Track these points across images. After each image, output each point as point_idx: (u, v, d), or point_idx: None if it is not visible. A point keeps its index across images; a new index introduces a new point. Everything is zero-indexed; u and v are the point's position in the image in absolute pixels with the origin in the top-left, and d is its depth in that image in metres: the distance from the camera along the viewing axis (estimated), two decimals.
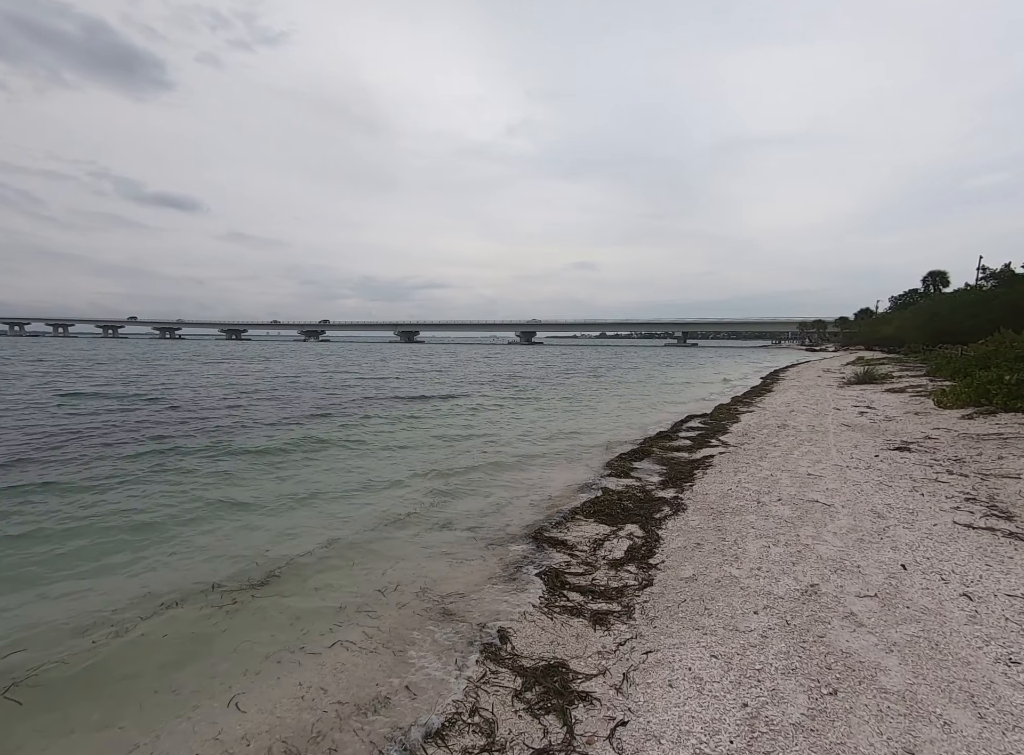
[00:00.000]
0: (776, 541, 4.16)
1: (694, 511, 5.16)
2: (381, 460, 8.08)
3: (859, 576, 3.49)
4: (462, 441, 9.66)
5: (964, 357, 18.90)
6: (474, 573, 3.97)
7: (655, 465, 7.38)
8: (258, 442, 9.11)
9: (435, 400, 16.10)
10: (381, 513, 5.40)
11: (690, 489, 5.98)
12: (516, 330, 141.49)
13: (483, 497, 5.98)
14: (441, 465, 7.70)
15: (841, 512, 4.86)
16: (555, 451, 8.75)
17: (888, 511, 4.89)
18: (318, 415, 12.40)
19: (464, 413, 13.59)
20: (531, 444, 9.40)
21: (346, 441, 9.46)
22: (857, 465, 6.75)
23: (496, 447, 9.08)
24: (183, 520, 5.28)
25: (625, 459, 7.58)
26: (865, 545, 4.03)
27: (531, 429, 11.07)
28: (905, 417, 10.58)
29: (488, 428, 11.15)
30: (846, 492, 5.50)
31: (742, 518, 4.80)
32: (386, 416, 12.54)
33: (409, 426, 11.33)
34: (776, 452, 7.61)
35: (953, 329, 36.51)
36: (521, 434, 10.40)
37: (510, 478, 6.93)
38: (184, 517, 5.36)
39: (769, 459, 7.21)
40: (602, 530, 4.76)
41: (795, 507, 5.03)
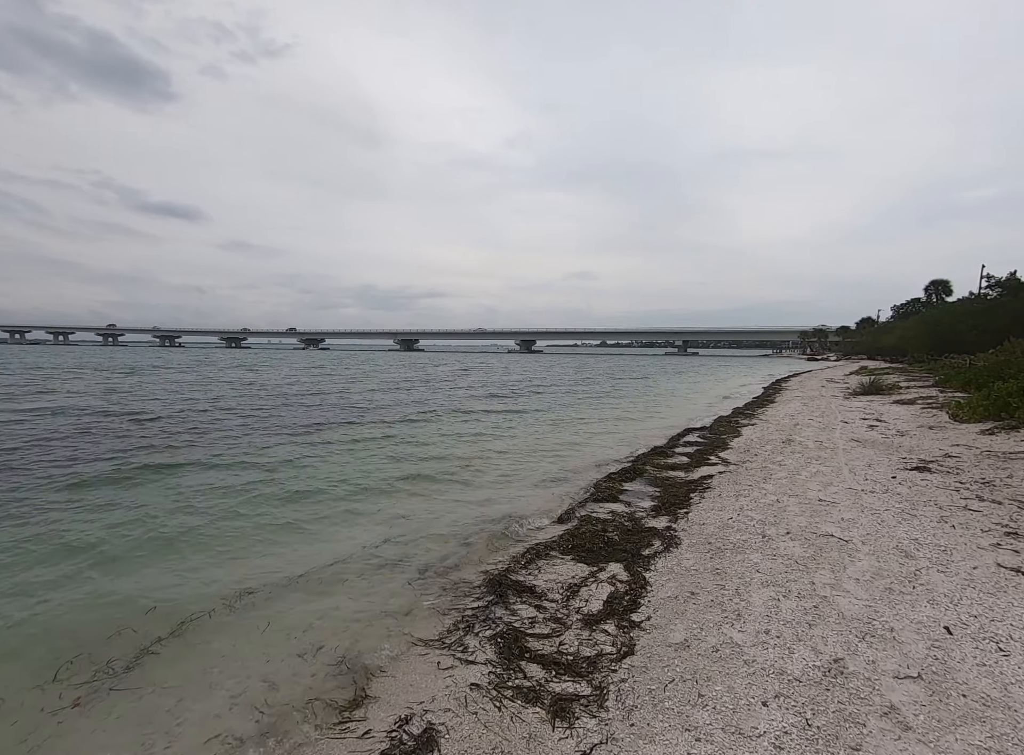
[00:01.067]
0: (787, 591, 3.43)
1: (689, 547, 4.43)
2: (331, 484, 7.12)
3: (894, 645, 2.76)
4: (430, 461, 8.74)
5: (974, 367, 18.19)
6: (417, 630, 3.25)
7: (647, 486, 6.66)
8: (175, 469, 7.58)
9: (413, 412, 15.13)
10: (316, 553, 4.61)
11: (685, 517, 5.25)
12: (516, 338, 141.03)
13: (446, 528, 5.23)
14: (401, 488, 6.91)
15: (861, 550, 4.13)
16: (537, 470, 7.97)
17: (916, 549, 4.16)
18: (279, 432, 11.31)
19: (441, 427, 12.61)
20: (512, 463, 8.60)
21: (298, 461, 8.43)
22: (873, 488, 6.02)
23: (471, 467, 8.22)
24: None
25: (614, 479, 6.85)
26: (896, 597, 3.31)
27: (513, 446, 10.19)
28: (919, 432, 9.85)
29: (465, 446, 10.19)
30: (864, 523, 4.78)
31: (745, 557, 4.08)
32: (354, 431, 11.46)
33: (375, 444, 10.25)
34: (782, 472, 6.88)
35: (957, 339, 35.82)
36: (501, 451, 9.59)
37: (482, 504, 6.15)
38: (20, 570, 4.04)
39: (774, 481, 6.48)
40: (580, 571, 4.03)
41: (807, 543, 4.30)
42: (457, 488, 7.05)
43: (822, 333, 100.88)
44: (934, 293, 60.82)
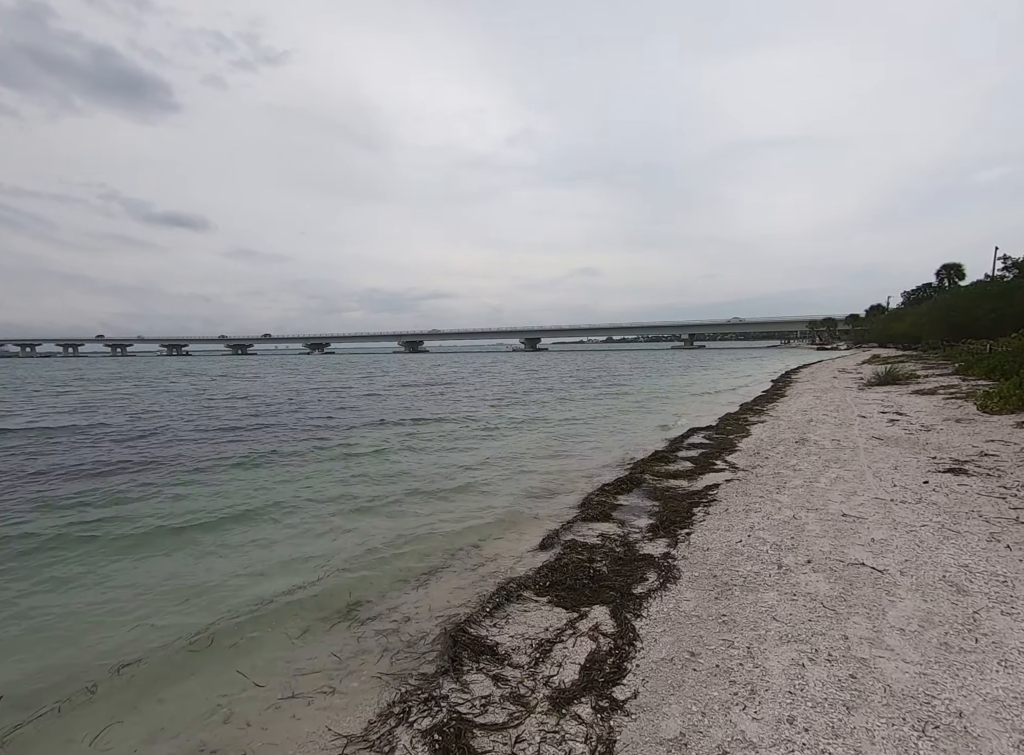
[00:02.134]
0: (813, 650, 2.69)
1: (690, 581, 3.70)
2: (279, 512, 6.19)
3: (968, 744, 2.02)
4: (400, 479, 7.72)
5: (997, 353, 17.22)
6: (340, 715, 2.55)
7: (645, 500, 5.91)
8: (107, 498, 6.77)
9: (395, 423, 13.67)
10: (244, 601, 3.82)
11: (686, 540, 4.51)
12: (521, 337, 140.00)
13: (414, 562, 4.48)
14: (360, 515, 6.03)
15: (901, 585, 3.38)
16: (521, 485, 7.13)
17: (969, 580, 3.40)
18: (238, 444, 10.51)
19: (425, 435, 11.51)
20: (497, 474, 7.79)
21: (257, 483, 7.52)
22: (904, 498, 5.24)
23: (447, 484, 7.30)
24: None
25: (608, 492, 6.11)
26: (956, 658, 2.56)
27: (496, 457, 9.20)
28: (946, 426, 9.01)
29: (446, 457, 9.21)
30: (900, 545, 4.01)
31: (757, 597, 3.33)
32: (326, 445, 10.45)
33: (340, 460, 9.18)
34: (797, 479, 6.11)
35: (973, 323, 34.55)
36: (483, 461, 8.74)
37: (452, 528, 5.38)
38: None
39: (789, 490, 5.72)
40: (556, 619, 3.31)
41: (833, 576, 3.55)
42: (428, 506, 6.30)
43: (831, 322, 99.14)
44: (946, 278, 59.16)
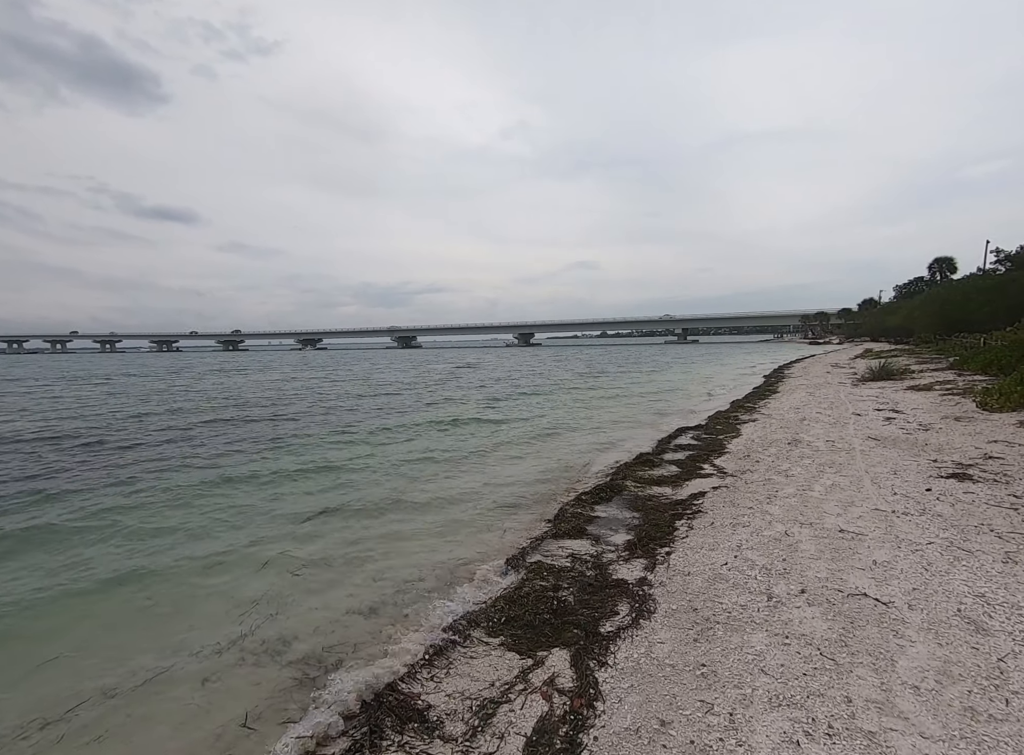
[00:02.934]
0: (810, 719, 2.20)
1: (666, 616, 3.20)
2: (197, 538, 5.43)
3: None
4: (352, 491, 6.99)
5: (992, 347, 16.87)
6: None
7: (625, 511, 5.41)
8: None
9: (357, 430, 12.45)
10: (142, 653, 3.28)
11: (666, 561, 4.01)
12: (514, 332, 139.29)
13: (345, 597, 3.88)
14: (293, 536, 5.31)
15: (911, 623, 2.89)
16: (493, 495, 6.54)
17: (988, 614, 2.93)
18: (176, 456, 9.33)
19: (386, 443, 10.45)
20: (468, 482, 7.20)
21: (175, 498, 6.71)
22: (906, 508, 4.77)
23: (410, 497, 6.60)
24: None
25: (585, 503, 5.61)
26: (984, 731, 2.07)
27: (469, 463, 8.54)
28: (945, 425, 8.58)
29: (412, 467, 8.26)
30: (905, 569, 3.54)
31: (743, 640, 2.84)
32: (273, 457, 9.33)
33: (286, 475, 8.09)
34: (789, 487, 5.63)
35: (966, 317, 34.35)
36: (455, 468, 8.11)
37: (404, 550, 4.83)
38: None
39: (781, 500, 5.23)
40: (506, 669, 2.81)
41: (831, 610, 3.06)
42: (381, 524, 5.66)
43: (824, 316, 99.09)
44: (938, 271, 59.03)
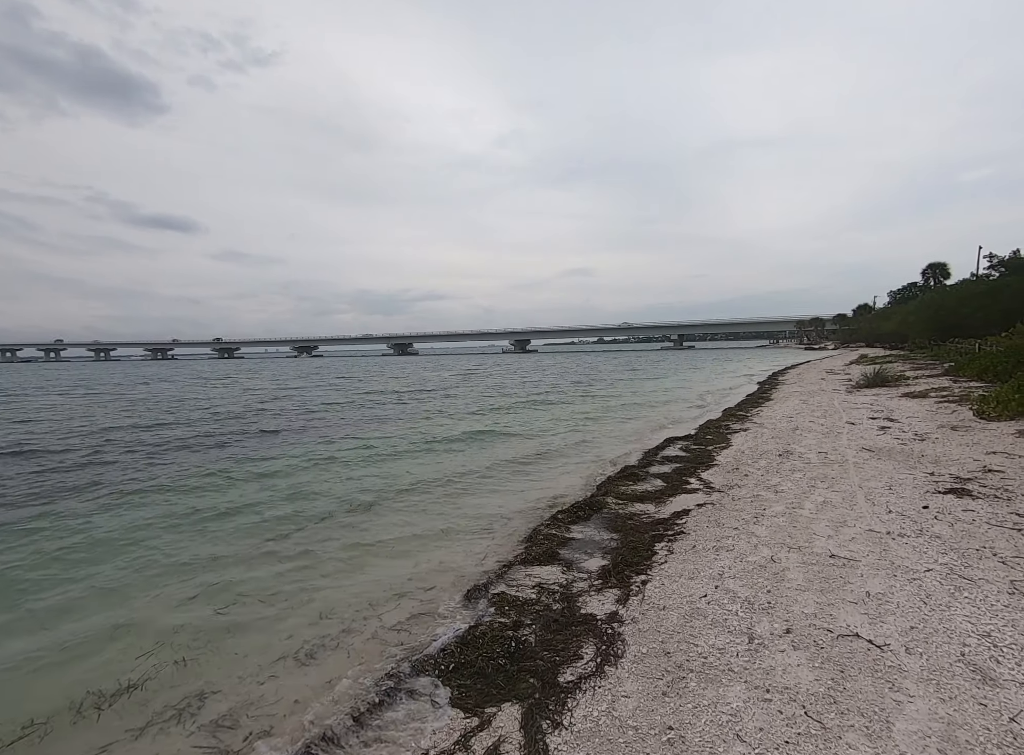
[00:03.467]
0: None
1: (635, 662, 2.83)
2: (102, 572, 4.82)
3: None
4: (311, 510, 6.41)
5: (988, 353, 16.64)
6: None
7: (603, 531, 5.05)
8: None
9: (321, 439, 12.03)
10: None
11: (641, 593, 3.65)
12: (510, 339, 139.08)
13: (283, 639, 3.45)
14: (242, 570, 4.67)
15: (909, 671, 2.53)
16: (466, 514, 6.07)
17: (995, 660, 2.58)
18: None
19: (359, 459, 9.69)
20: (441, 501, 6.73)
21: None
22: (902, 529, 4.43)
23: (369, 520, 6.06)
24: None
25: (561, 522, 5.24)
26: None
27: (447, 478, 7.86)
28: (941, 434, 8.26)
29: (377, 487, 7.49)
30: (902, 602, 3.18)
31: (718, 694, 2.47)
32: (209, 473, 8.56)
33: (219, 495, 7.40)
34: (778, 505, 5.28)
35: (960, 322, 34.27)
36: (414, 483, 7.56)
37: (357, 584, 4.29)
38: None
39: (768, 519, 4.88)
40: (446, 734, 2.43)
41: (819, 657, 2.70)
42: (338, 552, 5.08)
43: (819, 322, 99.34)
44: (932, 277, 59.17)
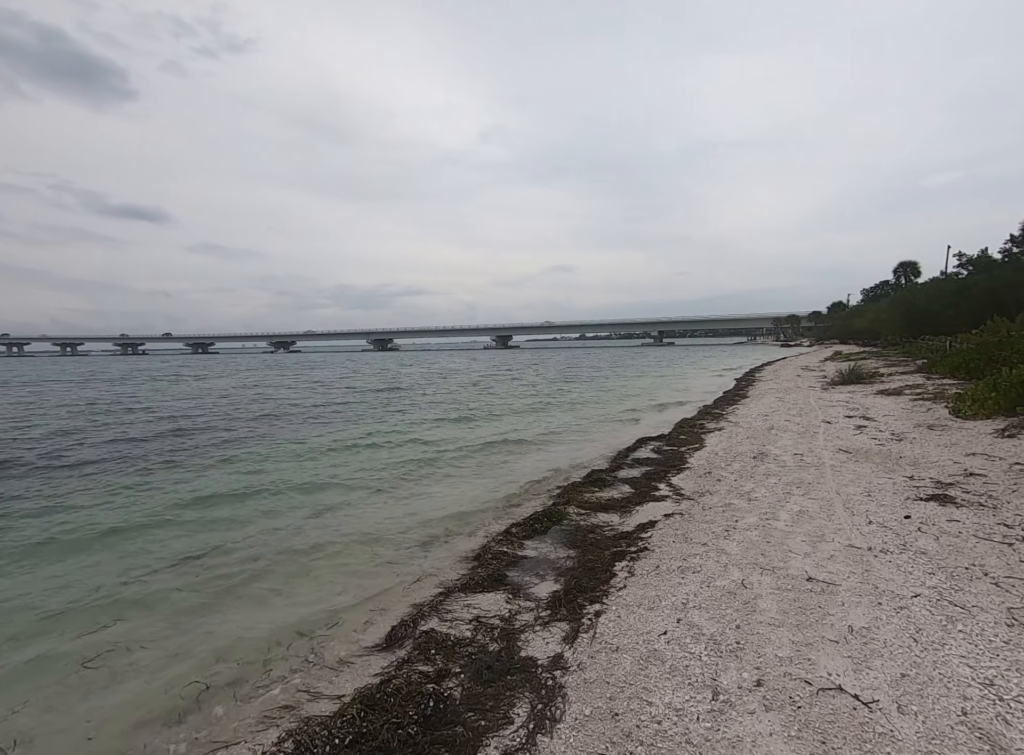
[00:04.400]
0: None
1: (575, 728, 2.31)
2: None
3: None
4: (225, 528, 5.66)
5: (960, 350, 16.68)
6: None
7: (559, 547, 4.53)
8: None
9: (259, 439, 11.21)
10: None
11: (593, 628, 3.14)
12: (493, 335, 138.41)
13: (158, 692, 2.82)
14: (122, 606, 3.92)
15: (904, 738, 2.06)
16: (416, 525, 5.49)
17: (1002, 718, 2.12)
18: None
19: (300, 463, 8.91)
20: (377, 512, 6.06)
21: None
22: (885, 543, 4.01)
23: (295, 538, 5.31)
24: None
25: (514, 536, 4.71)
26: None
27: (389, 489, 7.08)
28: (919, 434, 7.99)
29: (312, 496, 6.77)
30: (890, 641, 2.73)
31: None
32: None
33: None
34: (751, 515, 4.83)
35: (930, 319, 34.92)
36: (367, 495, 6.83)
37: (261, 621, 3.61)
38: None
39: (740, 533, 4.42)
40: None
41: (796, 722, 2.21)
42: (248, 577, 4.41)
43: (795, 319, 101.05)
44: (903, 275, 60.42)
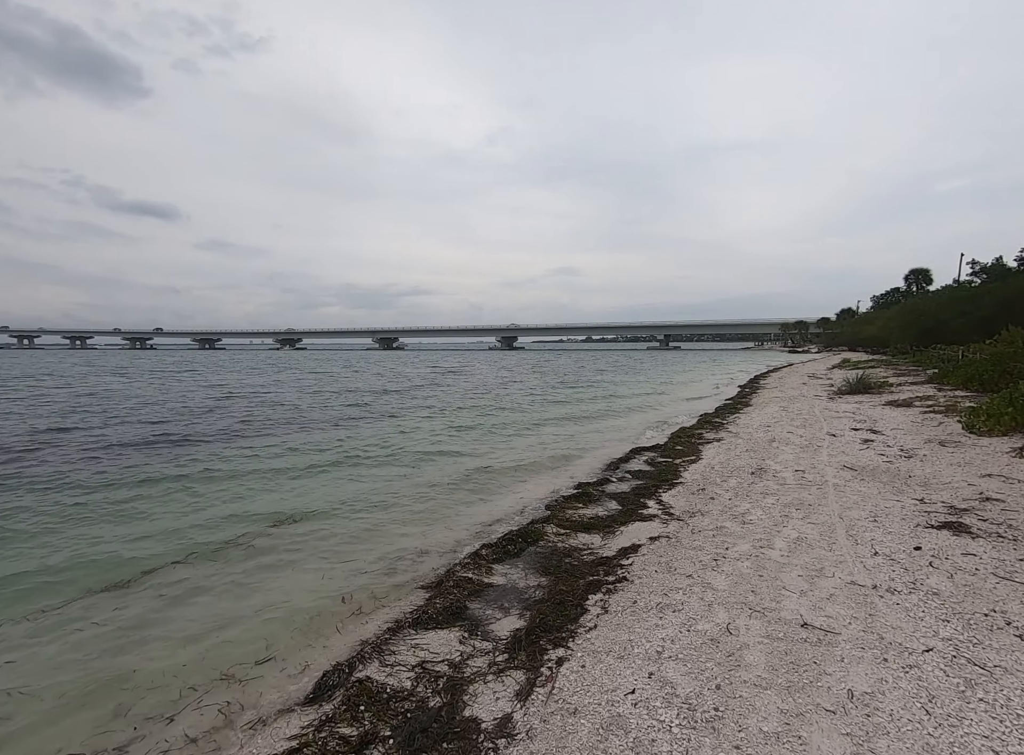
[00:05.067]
0: None
1: None
2: None
3: None
4: (158, 549, 5.06)
5: (973, 361, 16.10)
6: None
7: (530, 574, 4.10)
8: None
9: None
10: None
11: (552, 681, 2.71)
12: (497, 335, 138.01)
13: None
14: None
15: None
16: (384, 547, 4.93)
17: None
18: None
19: (261, 472, 8.12)
20: (336, 530, 5.48)
21: None
22: (892, 581, 3.56)
23: (237, 564, 4.71)
24: None
25: (484, 560, 4.28)
26: None
27: (357, 503, 6.43)
28: (930, 450, 7.49)
29: (266, 510, 6.18)
30: (898, 715, 2.28)
31: None
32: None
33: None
34: (744, 542, 4.39)
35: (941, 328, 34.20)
36: (329, 509, 6.12)
37: (178, 670, 3.10)
38: None
39: (730, 564, 3.98)
40: None
41: None
42: (176, 609, 3.91)
43: (803, 325, 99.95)
44: (915, 282, 59.56)
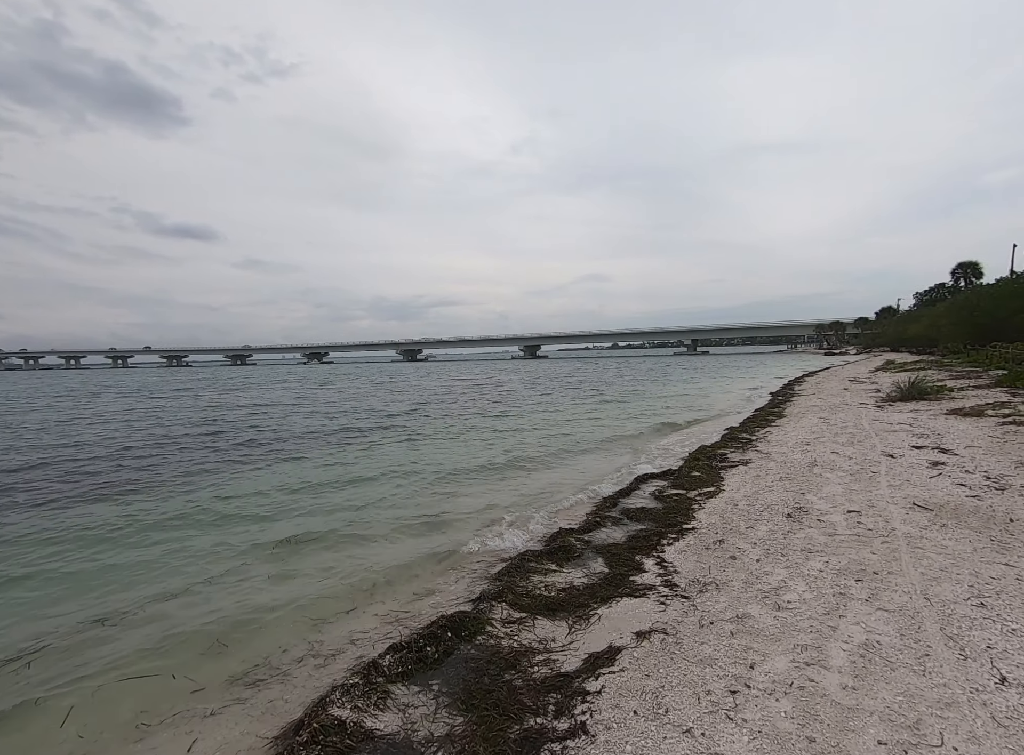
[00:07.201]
0: None
1: None
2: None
3: None
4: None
5: None
6: None
7: (443, 709, 2.67)
8: None
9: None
10: None
11: None
12: (520, 344, 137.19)
13: None
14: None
15: None
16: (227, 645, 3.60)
17: None
18: None
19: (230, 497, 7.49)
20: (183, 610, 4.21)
21: None
22: None
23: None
24: None
25: (380, 675, 2.86)
26: None
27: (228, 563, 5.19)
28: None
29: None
30: None
31: None
32: None
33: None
34: (779, 653, 2.85)
35: (998, 325, 31.12)
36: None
37: None
38: None
39: (754, 703, 2.46)
40: None
41: None
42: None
43: (839, 325, 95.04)
44: (963, 276, 55.44)
